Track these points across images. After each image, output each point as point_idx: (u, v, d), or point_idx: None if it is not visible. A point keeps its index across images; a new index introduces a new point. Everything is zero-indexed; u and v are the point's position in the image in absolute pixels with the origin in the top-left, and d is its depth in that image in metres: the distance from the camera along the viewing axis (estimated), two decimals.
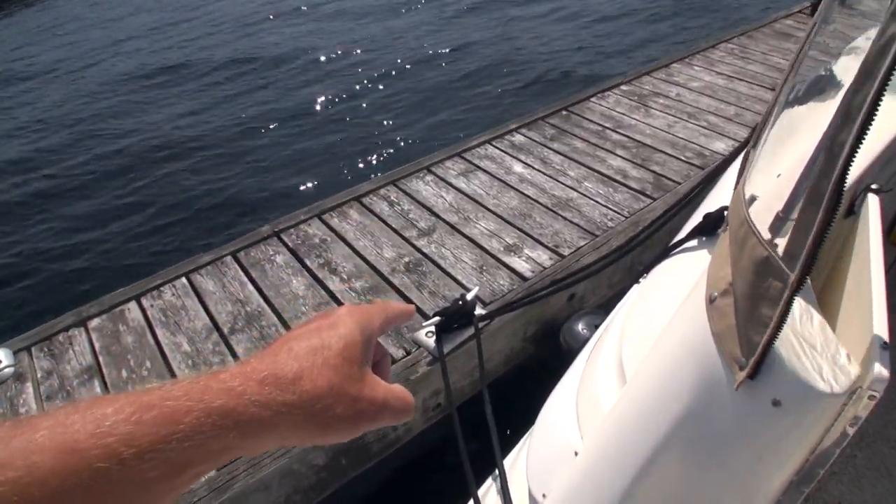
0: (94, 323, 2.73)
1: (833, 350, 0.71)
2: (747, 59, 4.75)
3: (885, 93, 0.61)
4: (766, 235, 0.79)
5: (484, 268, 2.79)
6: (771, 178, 1.06)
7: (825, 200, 0.65)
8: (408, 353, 2.41)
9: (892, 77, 0.60)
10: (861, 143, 0.62)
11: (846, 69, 0.94)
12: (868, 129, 0.62)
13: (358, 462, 2.37)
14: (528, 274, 2.73)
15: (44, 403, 2.39)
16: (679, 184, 3.27)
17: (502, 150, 3.72)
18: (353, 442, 2.24)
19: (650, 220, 2.94)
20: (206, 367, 2.44)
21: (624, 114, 4.05)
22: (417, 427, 2.52)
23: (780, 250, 0.75)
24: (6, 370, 2.53)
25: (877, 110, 0.62)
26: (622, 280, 3.08)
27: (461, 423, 1.93)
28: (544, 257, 2.83)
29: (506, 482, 1.55)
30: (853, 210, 1.14)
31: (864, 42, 1.96)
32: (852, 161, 0.63)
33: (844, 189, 0.65)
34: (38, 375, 2.52)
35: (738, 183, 1.06)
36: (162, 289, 2.87)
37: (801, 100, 1.19)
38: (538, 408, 1.62)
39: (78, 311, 2.79)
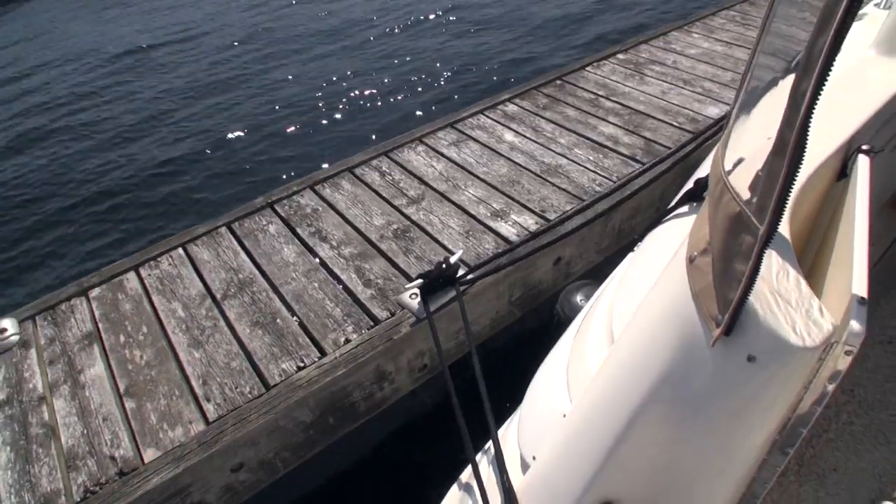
0: (94, 292, 2.83)
1: (807, 305, 0.72)
2: (748, 25, 4.70)
3: (843, 39, 0.60)
4: (746, 195, 0.80)
5: (470, 233, 2.84)
6: (758, 141, 1.07)
7: (789, 150, 0.66)
8: (392, 314, 2.47)
9: (848, 23, 0.59)
10: (821, 90, 0.63)
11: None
12: (827, 77, 0.62)
13: (345, 421, 2.44)
14: (513, 238, 2.77)
15: (47, 368, 2.50)
16: (669, 149, 3.28)
17: (494, 120, 3.74)
18: (338, 401, 2.33)
19: (627, 176, 2.98)
20: (199, 332, 2.53)
21: (619, 82, 4.04)
22: (405, 388, 2.59)
23: (753, 206, 0.75)
24: (12, 338, 2.64)
25: (835, 56, 0.61)
26: (610, 246, 3.11)
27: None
28: (530, 222, 2.86)
29: (498, 444, 1.56)
30: (846, 173, 1.14)
31: (871, 8, 1.93)
32: (814, 107, 0.64)
33: (808, 137, 0.65)
34: (42, 342, 2.62)
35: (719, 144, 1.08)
36: (159, 259, 2.96)
37: (790, 61, 1.19)
38: (530, 381, 1.64)
39: (80, 282, 2.90)
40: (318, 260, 2.81)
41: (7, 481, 2.12)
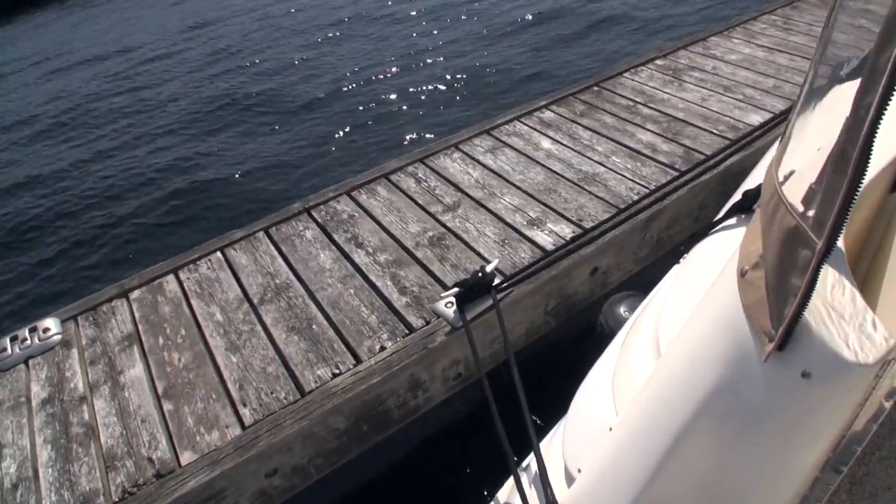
0: (135, 294, 2.88)
1: (863, 320, 0.69)
2: (790, 30, 4.59)
3: None
4: (799, 208, 0.78)
5: (506, 241, 2.82)
6: (811, 152, 1.03)
7: (851, 166, 0.64)
8: (427, 323, 2.46)
9: None
10: (887, 104, 0.61)
11: None
12: (893, 92, 0.60)
13: (379, 429, 2.44)
14: (549, 247, 2.74)
15: (87, 368, 2.54)
16: (709, 157, 3.21)
17: (531, 127, 3.71)
18: (372, 408, 2.32)
19: (665, 184, 2.92)
20: (236, 336, 2.55)
21: (657, 88, 3.98)
22: (439, 396, 2.57)
23: (810, 220, 0.74)
24: (54, 337, 2.70)
25: None
26: (648, 256, 3.05)
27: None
28: (567, 231, 2.83)
29: (540, 456, 1.54)
30: None
31: None
32: (879, 123, 0.62)
33: (871, 153, 0.63)
34: (83, 342, 2.68)
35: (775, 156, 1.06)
36: (198, 262, 3.00)
37: (846, 71, 1.15)
38: (572, 394, 1.63)
39: (121, 284, 2.95)
40: (353, 266, 2.81)
41: (48, 479, 2.16)
